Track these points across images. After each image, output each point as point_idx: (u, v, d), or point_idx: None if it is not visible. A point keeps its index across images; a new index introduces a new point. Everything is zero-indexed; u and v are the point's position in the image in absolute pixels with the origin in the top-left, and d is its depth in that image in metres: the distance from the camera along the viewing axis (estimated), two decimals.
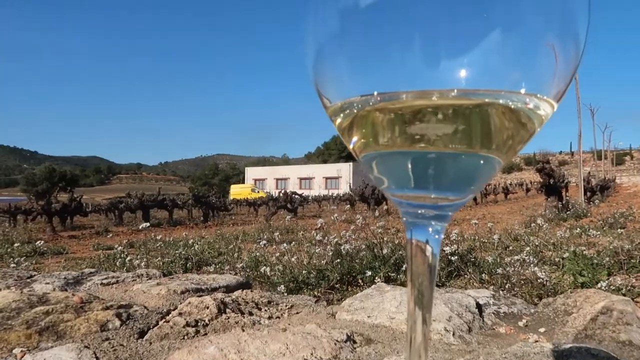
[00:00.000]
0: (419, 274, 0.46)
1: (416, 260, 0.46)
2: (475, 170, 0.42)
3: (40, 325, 1.20)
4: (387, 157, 0.44)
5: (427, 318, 0.46)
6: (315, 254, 4.99)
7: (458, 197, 0.42)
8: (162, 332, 1.26)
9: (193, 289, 1.68)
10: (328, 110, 0.46)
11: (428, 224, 0.44)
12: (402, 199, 0.44)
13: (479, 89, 0.39)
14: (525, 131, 0.41)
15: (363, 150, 0.45)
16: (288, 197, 16.45)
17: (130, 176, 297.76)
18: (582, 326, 1.41)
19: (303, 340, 1.09)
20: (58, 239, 11.97)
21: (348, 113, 0.43)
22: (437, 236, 0.44)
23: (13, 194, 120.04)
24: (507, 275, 3.92)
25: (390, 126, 0.42)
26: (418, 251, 0.45)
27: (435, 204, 0.43)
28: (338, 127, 0.46)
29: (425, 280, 0.46)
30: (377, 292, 1.70)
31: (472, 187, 0.43)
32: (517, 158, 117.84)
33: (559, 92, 0.40)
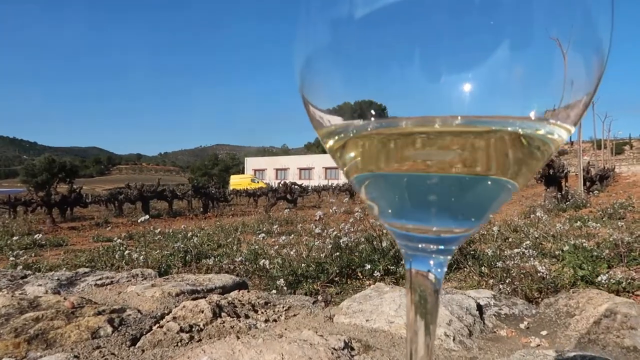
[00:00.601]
0: (420, 284, 0.42)
1: (417, 281, 0.42)
2: (483, 198, 0.38)
3: (30, 333, 1.16)
4: (382, 180, 0.40)
5: (432, 329, 0.42)
6: (315, 246, 4.97)
7: (464, 229, 0.38)
8: (155, 339, 1.23)
9: (188, 291, 1.65)
10: (320, 131, 0.42)
11: (429, 257, 0.40)
12: (400, 229, 0.40)
13: (483, 116, 0.35)
14: (537, 159, 0.37)
15: (355, 172, 0.41)
16: (288, 187, 16.43)
17: (130, 167, 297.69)
18: (585, 330, 1.38)
19: (299, 349, 1.06)
20: (58, 231, 11.96)
21: (342, 137, 0.39)
22: (439, 269, 0.40)
23: (13, 185, 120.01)
24: (507, 269, 3.90)
25: (387, 152, 0.38)
26: (419, 276, 0.41)
27: (437, 237, 0.39)
28: (329, 149, 0.42)
29: (428, 288, 0.42)
30: (375, 293, 1.67)
31: (480, 217, 0.39)
32: None
33: (577, 114, 0.35)
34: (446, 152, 0.36)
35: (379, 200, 0.41)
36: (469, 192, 0.37)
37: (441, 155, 0.36)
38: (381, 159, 0.39)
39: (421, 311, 0.41)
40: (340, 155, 0.41)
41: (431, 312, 0.41)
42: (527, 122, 0.35)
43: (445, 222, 0.38)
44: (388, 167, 0.38)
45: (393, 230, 0.41)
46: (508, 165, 0.36)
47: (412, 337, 0.42)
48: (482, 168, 0.36)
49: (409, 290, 0.41)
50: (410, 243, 0.40)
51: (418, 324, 0.41)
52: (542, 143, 0.36)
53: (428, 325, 0.41)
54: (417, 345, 0.42)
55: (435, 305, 0.42)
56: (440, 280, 0.40)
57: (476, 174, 0.36)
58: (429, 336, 0.41)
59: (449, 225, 0.38)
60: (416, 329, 0.42)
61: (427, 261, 0.40)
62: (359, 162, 0.40)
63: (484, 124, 0.35)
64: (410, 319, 0.42)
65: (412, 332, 0.42)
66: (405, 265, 0.42)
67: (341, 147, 0.41)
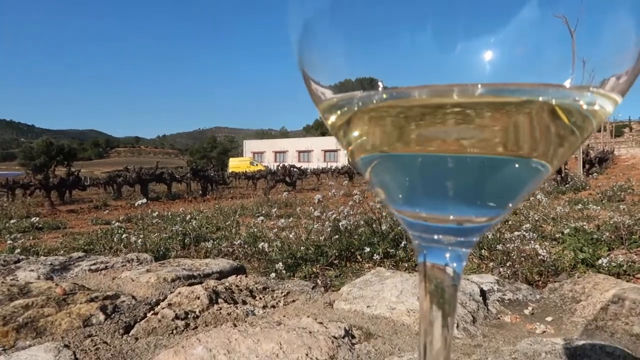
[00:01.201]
0: (436, 277, 0.37)
1: (433, 274, 0.37)
2: (510, 182, 0.33)
3: (19, 321, 1.12)
4: (392, 161, 0.34)
5: (450, 321, 0.37)
6: (314, 229, 4.94)
7: (486, 218, 0.33)
8: (149, 327, 1.19)
9: (184, 276, 1.60)
10: (320, 105, 0.37)
11: (447, 249, 0.35)
12: (412, 218, 0.35)
13: (510, 84, 0.29)
14: (575, 136, 0.31)
15: (361, 152, 0.36)
16: (287, 170, 16.37)
17: (129, 149, 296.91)
18: (592, 316, 1.34)
19: (298, 338, 1.02)
20: (57, 214, 11.93)
21: (345, 111, 0.34)
22: (458, 263, 0.35)
23: (11, 168, 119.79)
24: (508, 252, 3.88)
25: (398, 129, 0.33)
26: (435, 269, 0.36)
27: (456, 227, 0.33)
28: (331, 126, 0.37)
29: (446, 281, 0.37)
30: (376, 278, 1.63)
31: (505, 205, 0.33)
32: None
33: (627, 81, 0.30)
34: (466, 127, 0.31)
35: (388, 185, 0.35)
36: (493, 176, 0.32)
37: (460, 131, 0.31)
38: (391, 136, 0.33)
39: (438, 300, 0.35)
40: (344, 133, 0.36)
41: (449, 301, 0.36)
42: (563, 91, 0.29)
43: (465, 210, 0.33)
44: (399, 147, 0.33)
45: (404, 219, 0.36)
46: (540, 143, 0.31)
47: (427, 328, 0.37)
48: (508, 147, 0.31)
49: (424, 280, 0.36)
50: (425, 234, 0.35)
51: (434, 314, 0.36)
52: (582, 116, 0.31)
53: (446, 317, 0.36)
54: (432, 337, 0.37)
55: (454, 296, 0.37)
56: (459, 274, 0.35)
57: (502, 154, 0.31)
58: (446, 328, 0.36)
59: (469, 214, 0.33)
60: (432, 319, 0.36)
61: (444, 254, 0.35)
62: (365, 141, 0.35)
63: (510, 94, 0.30)
64: (424, 308, 0.37)
65: (426, 322, 0.37)
66: (417, 257, 0.37)
67: (345, 124, 0.35)
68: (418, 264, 0.37)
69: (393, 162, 0.34)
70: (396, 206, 0.36)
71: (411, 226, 0.35)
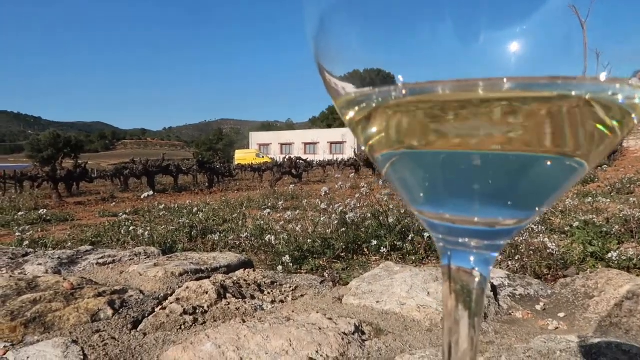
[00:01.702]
0: (462, 279, 0.35)
1: (459, 276, 0.35)
2: (542, 182, 0.31)
3: (27, 316, 1.12)
4: (414, 158, 0.32)
5: (477, 322, 0.35)
6: (321, 222, 4.93)
7: (516, 221, 0.31)
8: (157, 322, 1.18)
9: (192, 270, 1.60)
10: (338, 100, 0.35)
11: (473, 252, 0.33)
12: (435, 219, 0.33)
13: (540, 78, 0.27)
14: (614, 133, 0.29)
15: (381, 149, 0.34)
16: (293, 162, 16.36)
17: (135, 142, 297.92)
18: (606, 312, 1.32)
19: (308, 334, 1.00)
20: (64, 206, 12.00)
21: (364, 107, 0.32)
22: (486, 267, 0.33)
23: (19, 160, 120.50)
24: (516, 245, 3.85)
25: (420, 125, 0.31)
26: (461, 272, 0.34)
27: (484, 229, 0.31)
28: (350, 122, 0.35)
29: (473, 284, 0.35)
30: (385, 272, 1.61)
31: (537, 206, 0.31)
32: None
33: None
34: (493, 124, 0.29)
35: (409, 183, 0.33)
36: (523, 175, 0.30)
37: (487, 128, 0.29)
38: (413, 133, 0.31)
39: (464, 300, 0.33)
40: (362, 129, 0.34)
41: (477, 302, 0.34)
42: (599, 85, 0.27)
43: (492, 211, 0.31)
44: (422, 143, 0.31)
45: (426, 220, 0.34)
46: (575, 141, 0.29)
47: (453, 327, 0.35)
48: (540, 144, 0.29)
49: (448, 281, 0.34)
50: (449, 237, 0.33)
51: (460, 314, 0.34)
52: (620, 111, 0.28)
53: (473, 317, 0.34)
54: (458, 336, 0.35)
55: (482, 298, 0.35)
56: (487, 278, 0.33)
57: (532, 152, 0.29)
58: (473, 328, 0.34)
59: (496, 216, 0.31)
60: (457, 318, 0.34)
61: (471, 257, 0.33)
62: (385, 137, 0.33)
63: (542, 88, 0.27)
64: (449, 307, 0.35)
65: (451, 321, 0.35)
66: (441, 259, 0.35)
67: (364, 119, 0.33)
68: (442, 265, 0.35)
69: (415, 159, 0.32)
70: (417, 206, 0.34)
71: (434, 228, 0.33)
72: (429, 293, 1.36)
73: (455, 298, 0.34)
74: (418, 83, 0.30)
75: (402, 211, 5.19)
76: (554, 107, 0.27)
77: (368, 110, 0.33)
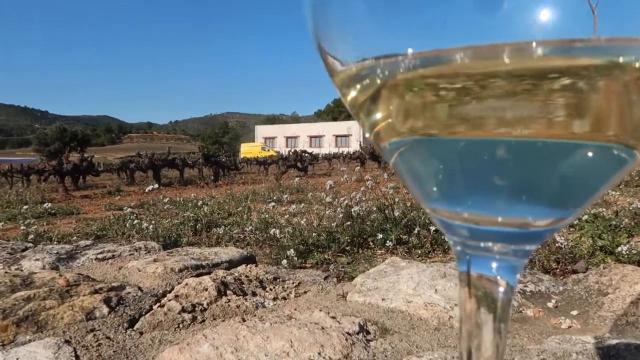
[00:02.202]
0: (484, 287, 0.30)
1: (480, 284, 0.30)
2: (582, 175, 0.25)
3: (19, 314, 1.08)
4: (427, 147, 0.27)
5: (503, 327, 0.30)
6: (326, 215, 4.88)
7: (549, 221, 0.26)
8: (155, 320, 1.14)
9: (192, 266, 1.55)
10: (336, 77, 0.29)
11: (496, 258, 0.28)
12: (451, 219, 0.28)
13: (578, 40, 0.22)
14: None
15: (387, 136, 0.28)
16: (298, 155, 16.30)
17: (141, 135, 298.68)
18: (622, 310, 1.27)
19: (310, 335, 0.96)
20: (71, 199, 12.02)
21: (367, 84, 0.27)
22: (512, 275, 0.28)
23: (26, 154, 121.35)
24: None
25: (435, 105, 0.25)
26: (483, 280, 0.29)
27: (508, 231, 0.26)
28: (351, 104, 0.30)
29: (497, 292, 0.29)
30: (391, 268, 1.57)
31: (574, 204, 0.26)
32: None
33: None
34: (523, 102, 0.23)
35: (421, 177, 0.28)
36: (560, 166, 0.25)
37: (516, 108, 0.24)
38: (426, 116, 0.26)
39: (488, 305, 0.28)
40: (366, 111, 0.28)
41: (503, 307, 0.28)
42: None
43: (521, 210, 0.26)
44: (437, 129, 0.26)
45: (441, 220, 0.29)
46: (627, 124, 0.23)
47: (473, 330, 0.30)
48: (581, 128, 0.23)
49: (467, 286, 0.29)
50: (469, 240, 0.27)
51: (483, 317, 0.29)
52: None
53: (498, 322, 0.29)
54: (480, 341, 0.30)
55: (508, 303, 0.29)
56: (513, 288, 0.28)
57: (574, 139, 0.24)
58: (499, 334, 0.29)
59: (526, 215, 0.26)
60: (480, 321, 0.29)
61: (494, 264, 0.28)
62: (392, 122, 0.27)
63: (586, 53, 0.22)
64: (467, 309, 0.29)
65: (471, 324, 0.29)
66: (459, 264, 0.30)
67: (368, 100, 0.28)
68: (460, 271, 0.29)
69: (428, 148, 0.27)
70: (431, 203, 0.28)
71: (450, 229, 0.28)
72: (436, 290, 1.31)
73: (476, 302, 0.28)
74: (432, 51, 0.25)
75: (408, 204, 5.14)
76: (604, 79, 0.22)
77: (372, 89, 0.27)
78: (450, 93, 0.25)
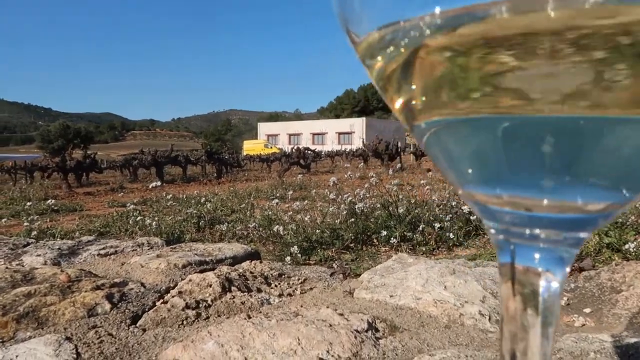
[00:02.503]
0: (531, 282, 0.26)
1: (526, 279, 0.26)
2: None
3: (19, 310, 1.05)
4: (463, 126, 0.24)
5: (550, 332, 0.26)
6: (329, 212, 4.86)
7: (605, 205, 0.23)
8: (158, 317, 1.11)
9: (196, 262, 1.53)
10: (359, 46, 0.26)
11: (544, 248, 0.24)
12: (492, 203, 0.25)
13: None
14: None
15: (417, 115, 0.25)
16: (301, 153, 16.28)
17: (144, 132, 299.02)
18: (637, 308, 1.23)
19: (317, 332, 0.93)
20: (74, 196, 12.03)
21: (392, 52, 0.23)
22: (562, 267, 0.25)
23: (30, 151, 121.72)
24: None
25: (471, 74, 0.22)
26: (530, 274, 0.25)
27: (558, 217, 0.23)
28: (377, 76, 0.26)
29: (545, 288, 0.26)
30: (398, 264, 1.54)
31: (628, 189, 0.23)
32: None
33: None
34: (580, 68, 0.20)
35: (456, 158, 0.25)
36: (619, 145, 0.22)
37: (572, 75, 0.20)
38: (461, 88, 0.23)
39: (534, 305, 0.25)
40: (397, 85, 0.25)
41: (550, 309, 0.25)
42: None
43: (573, 192, 0.23)
44: (477, 103, 0.23)
45: (479, 205, 0.26)
46: None
47: (518, 333, 0.26)
48: None
49: (510, 281, 0.26)
50: (514, 226, 0.24)
51: (530, 320, 0.25)
52: None
53: (546, 326, 0.26)
54: (526, 346, 0.26)
55: (557, 304, 0.26)
56: (563, 282, 0.25)
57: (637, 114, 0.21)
58: (546, 340, 0.26)
59: (577, 198, 0.23)
60: (526, 323, 0.26)
61: (539, 254, 0.24)
62: (423, 99, 0.24)
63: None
64: (511, 309, 0.26)
65: (516, 326, 0.26)
66: (499, 255, 0.27)
67: (396, 71, 0.25)
68: (501, 263, 0.26)
69: (465, 127, 0.24)
70: (468, 187, 0.25)
71: (490, 215, 0.25)
72: (445, 287, 1.28)
73: (521, 301, 0.25)
74: (462, 8, 0.21)
75: (412, 201, 5.11)
76: None
77: (398, 57, 0.24)
78: (489, 58, 0.22)
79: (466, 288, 1.27)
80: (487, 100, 0.22)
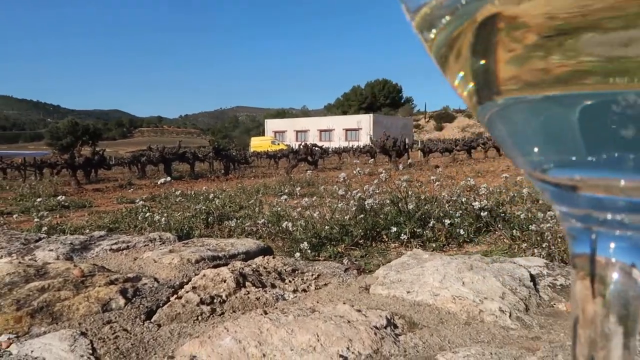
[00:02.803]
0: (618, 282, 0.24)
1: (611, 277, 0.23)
2: None
3: (34, 305, 1.04)
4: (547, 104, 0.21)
5: (632, 342, 0.24)
6: (338, 208, 4.83)
7: None
8: (172, 312, 1.10)
9: (209, 257, 1.51)
10: (416, 15, 0.24)
11: (628, 236, 0.22)
12: (566, 187, 0.22)
13: None
14: None
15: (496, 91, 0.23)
16: (308, 149, 16.25)
17: (152, 129, 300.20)
18: None
19: (336, 328, 0.91)
20: (83, 192, 12.09)
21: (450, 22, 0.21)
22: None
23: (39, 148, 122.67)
24: (541, 233, 3.71)
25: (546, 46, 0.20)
26: (617, 269, 0.23)
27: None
28: (436, 51, 0.24)
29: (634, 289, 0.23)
30: (414, 260, 1.51)
31: None
32: None
33: None
34: None
35: (526, 137, 0.23)
36: None
37: None
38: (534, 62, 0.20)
39: (618, 311, 0.22)
40: (456, 58, 0.23)
41: (634, 316, 0.23)
42: None
43: None
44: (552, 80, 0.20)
45: (551, 190, 0.23)
46: None
47: (598, 340, 0.24)
48: None
49: (589, 278, 0.23)
50: (596, 210, 0.22)
51: (612, 327, 0.23)
52: None
53: (628, 336, 0.23)
54: (608, 354, 0.24)
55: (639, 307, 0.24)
56: None
57: None
58: (627, 350, 0.23)
59: None
60: (607, 331, 0.23)
61: (626, 244, 0.22)
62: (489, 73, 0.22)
63: None
64: (589, 311, 0.23)
65: (595, 332, 0.23)
66: (573, 245, 0.24)
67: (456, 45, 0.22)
68: (575, 254, 0.24)
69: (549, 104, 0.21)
70: (538, 169, 0.23)
71: (564, 200, 0.23)
72: (463, 283, 1.26)
73: (603, 304, 0.23)
74: None
75: (421, 197, 5.07)
76: None
77: (457, 28, 0.22)
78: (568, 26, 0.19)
79: (485, 284, 1.24)
80: (578, 76, 0.19)
